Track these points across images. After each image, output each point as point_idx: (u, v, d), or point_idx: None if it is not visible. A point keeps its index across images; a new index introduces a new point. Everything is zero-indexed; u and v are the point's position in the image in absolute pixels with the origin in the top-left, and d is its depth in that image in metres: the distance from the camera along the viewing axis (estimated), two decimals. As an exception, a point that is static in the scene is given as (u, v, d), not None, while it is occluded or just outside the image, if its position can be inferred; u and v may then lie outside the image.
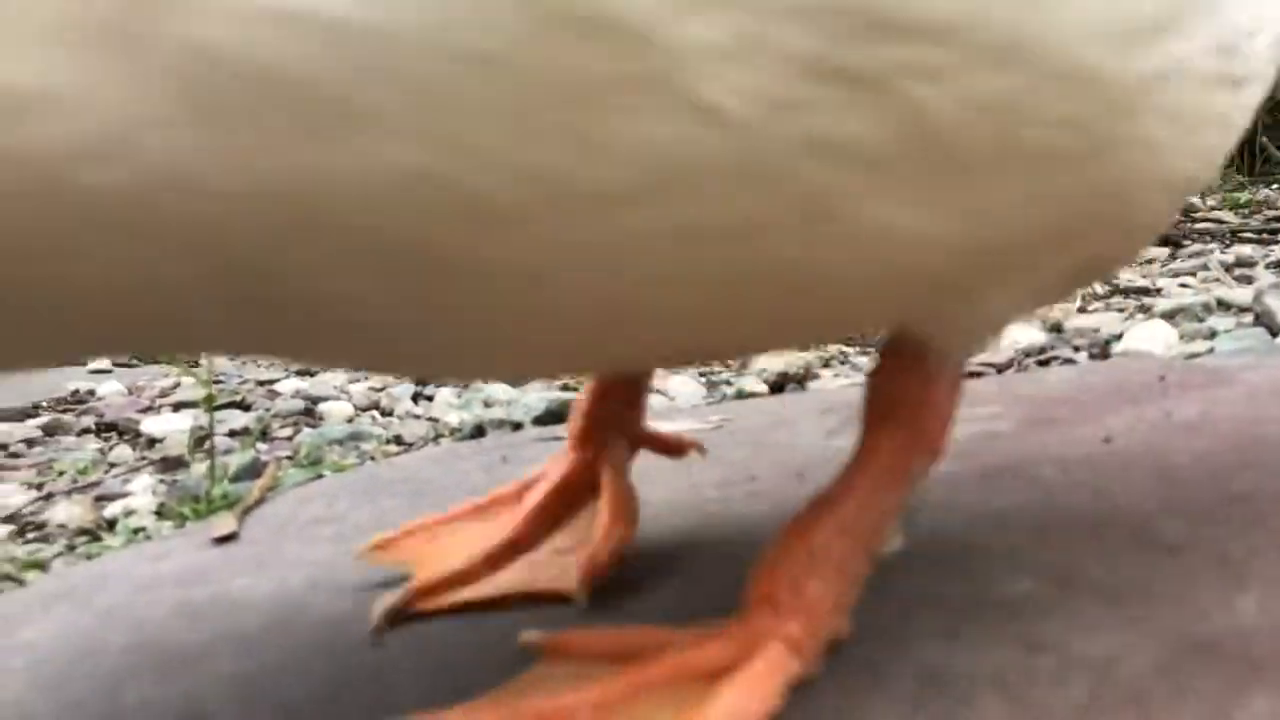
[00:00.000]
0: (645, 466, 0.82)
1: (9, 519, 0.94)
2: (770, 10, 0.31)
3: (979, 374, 1.09)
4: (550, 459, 0.64)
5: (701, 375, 1.19)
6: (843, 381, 1.09)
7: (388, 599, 0.56)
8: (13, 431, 1.19)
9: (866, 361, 1.19)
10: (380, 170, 0.30)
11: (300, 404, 1.20)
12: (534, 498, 0.61)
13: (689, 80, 0.31)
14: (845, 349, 1.26)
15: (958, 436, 0.81)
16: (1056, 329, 1.22)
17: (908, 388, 0.46)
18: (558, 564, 0.57)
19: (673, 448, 0.65)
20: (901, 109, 0.33)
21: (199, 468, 1.01)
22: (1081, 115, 0.37)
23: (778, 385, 1.09)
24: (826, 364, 1.17)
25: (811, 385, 1.09)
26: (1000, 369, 1.09)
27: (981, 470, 0.72)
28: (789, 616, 0.43)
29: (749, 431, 0.89)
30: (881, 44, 0.32)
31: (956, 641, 0.46)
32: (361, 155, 0.30)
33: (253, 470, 0.98)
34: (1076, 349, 1.14)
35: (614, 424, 0.62)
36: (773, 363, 1.10)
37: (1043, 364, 1.10)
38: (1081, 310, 1.32)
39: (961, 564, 0.55)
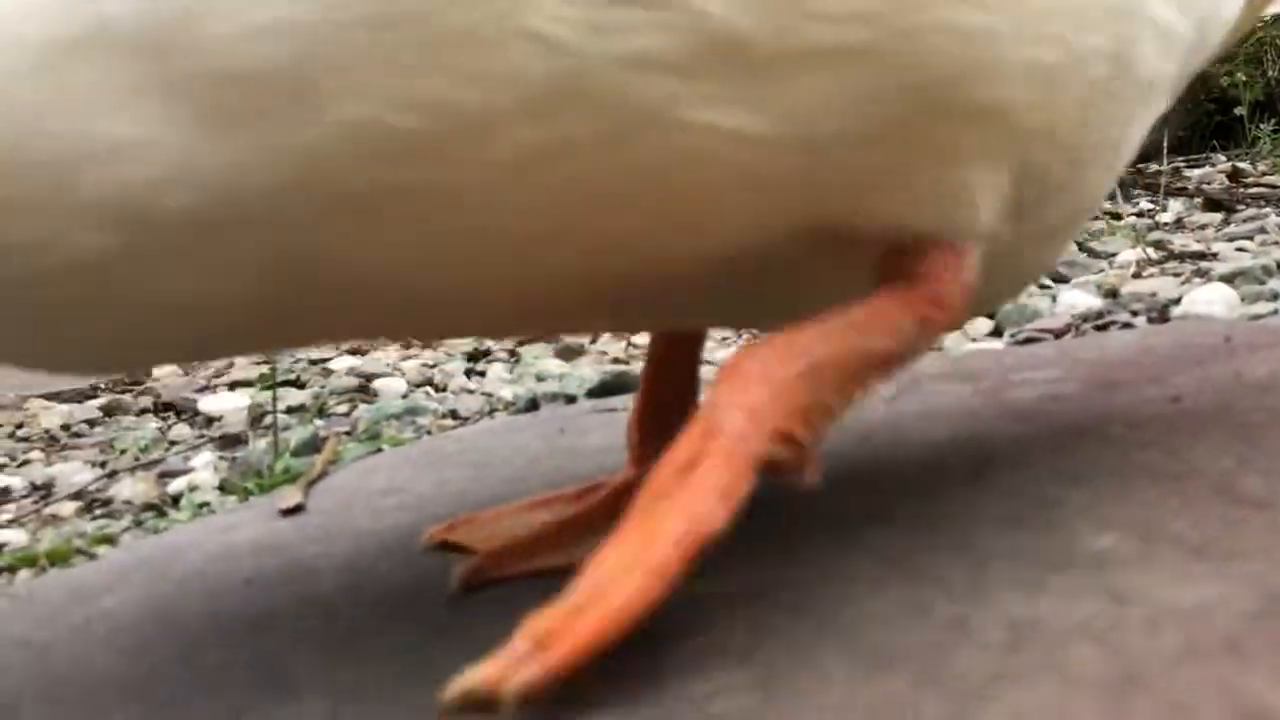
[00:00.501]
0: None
1: (76, 496, 0.95)
2: None
3: (1034, 340, 1.08)
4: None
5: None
6: (898, 349, 1.09)
7: (464, 565, 0.56)
8: (74, 412, 1.21)
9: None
10: (335, 129, 0.38)
11: (354, 381, 1.21)
12: (603, 491, 0.62)
13: (522, 15, 0.38)
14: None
15: (1020, 399, 0.81)
16: (1113, 294, 1.20)
17: (895, 267, 0.48)
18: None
19: None
20: (690, 20, 0.39)
21: (258, 444, 1.02)
22: (868, 9, 0.40)
23: (832, 354, 1.08)
24: (880, 333, 1.16)
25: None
26: (1057, 334, 1.08)
27: (1049, 430, 0.71)
28: (747, 384, 0.45)
29: (807, 399, 0.89)
30: None
31: (1042, 593, 0.46)
32: (325, 121, 0.38)
33: (312, 446, 0.99)
34: (1134, 314, 1.12)
35: (669, 432, 0.63)
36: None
37: (1100, 329, 1.09)
38: (1137, 276, 1.30)
39: (1039, 519, 0.55)
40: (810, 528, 0.57)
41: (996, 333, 1.14)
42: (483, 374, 1.22)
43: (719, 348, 1.17)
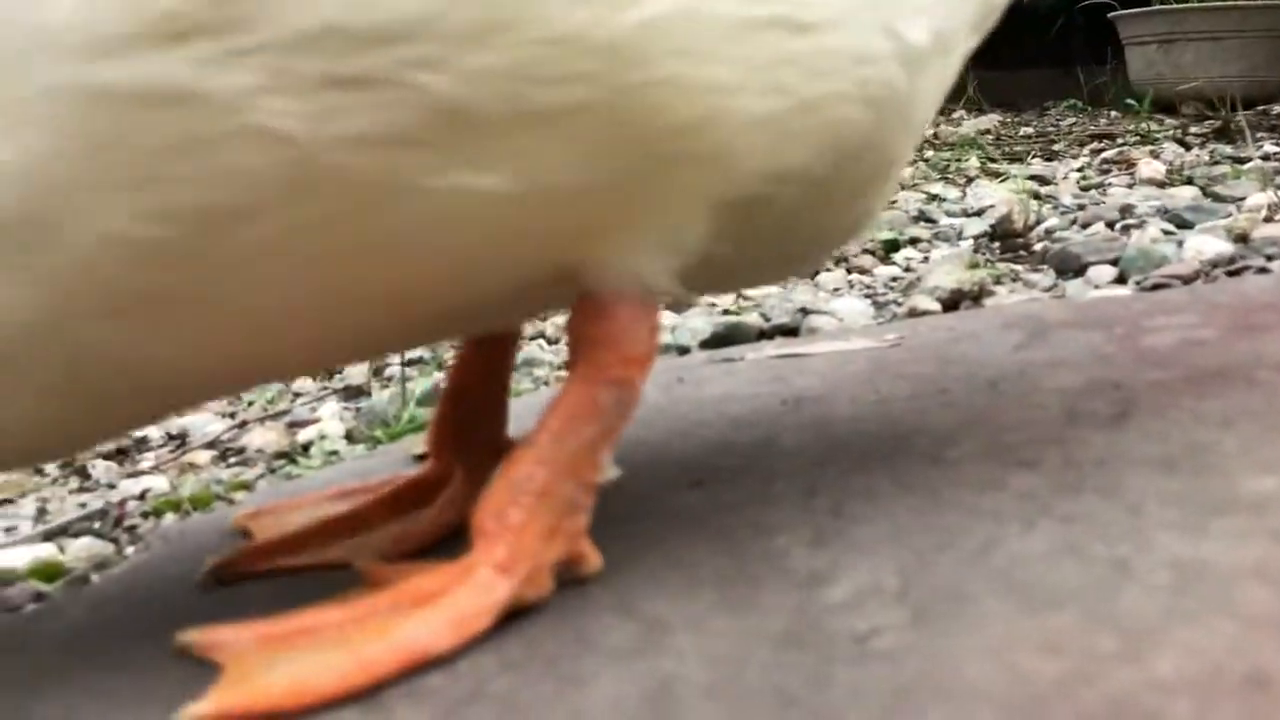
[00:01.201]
0: (830, 380, 0.82)
1: (209, 445, 0.99)
2: (281, 45, 0.39)
3: (1163, 286, 1.05)
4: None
5: (867, 295, 1.18)
6: (1020, 297, 1.06)
7: (216, 558, 0.58)
8: (201, 366, 1.25)
9: (1040, 277, 1.16)
10: (80, 251, 0.41)
11: (468, 334, 1.23)
12: (390, 486, 0.63)
13: (244, 114, 0.39)
14: (1016, 266, 1.23)
15: (1157, 345, 0.79)
16: (1243, 239, 1.16)
17: (586, 328, 0.49)
18: (375, 543, 0.58)
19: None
20: (414, 96, 0.40)
21: (380, 395, 1.04)
22: (586, 71, 0.42)
23: (951, 303, 1.06)
24: (998, 280, 1.14)
25: (987, 302, 1.06)
26: (1186, 280, 1.05)
27: (1190, 376, 0.69)
28: (495, 543, 0.46)
29: (929, 347, 0.88)
30: (370, 50, 0.40)
31: (1204, 537, 0.45)
32: (69, 246, 0.41)
33: (433, 396, 1.01)
34: (1269, 258, 1.08)
35: (472, 433, 0.64)
36: (945, 279, 1.07)
37: (1233, 274, 1.05)
38: (1268, 220, 1.25)
39: (1190, 463, 0.54)
40: (949, 473, 0.57)
41: (1121, 279, 1.11)
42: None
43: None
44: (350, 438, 0.97)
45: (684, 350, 1.07)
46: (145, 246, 0.41)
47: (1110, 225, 1.36)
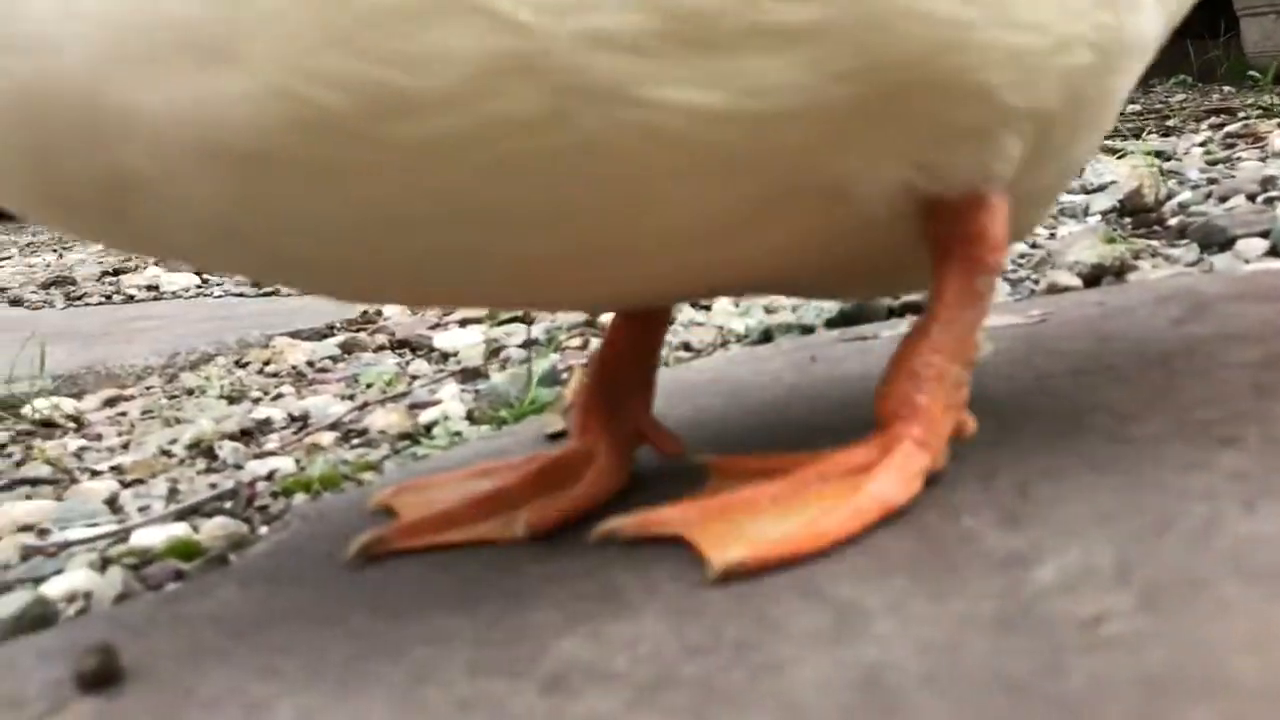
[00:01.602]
0: (991, 360, 0.78)
1: (332, 426, 0.98)
2: None
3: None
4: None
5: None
6: (1165, 272, 1.01)
7: (364, 535, 0.56)
8: (316, 350, 1.25)
9: (1182, 252, 1.10)
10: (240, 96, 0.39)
11: (581, 315, 1.21)
12: (536, 462, 0.62)
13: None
14: (1151, 242, 1.17)
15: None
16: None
17: (955, 226, 0.52)
18: (525, 518, 0.56)
19: (667, 445, 0.64)
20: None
21: (497, 377, 1.03)
22: None
23: (1092, 278, 1.01)
24: (1137, 255, 1.08)
25: (1130, 277, 1.01)
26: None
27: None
28: (909, 423, 0.51)
29: (1081, 323, 0.83)
30: None
31: None
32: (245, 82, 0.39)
33: (552, 378, 0.99)
34: None
35: (618, 411, 0.64)
36: (1085, 254, 1.02)
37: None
38: None
39: None
40: (1144, 452, 0.53)
41: (1273, 252, 1.04)
42: (708, 307, 1.20)
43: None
44: (472, 418, 0.95)
45: (808, 329, 1.04)
46: (307, 110, 0.41)
47: (1251, 198, 1.29)
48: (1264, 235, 1.08)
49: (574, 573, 0.49)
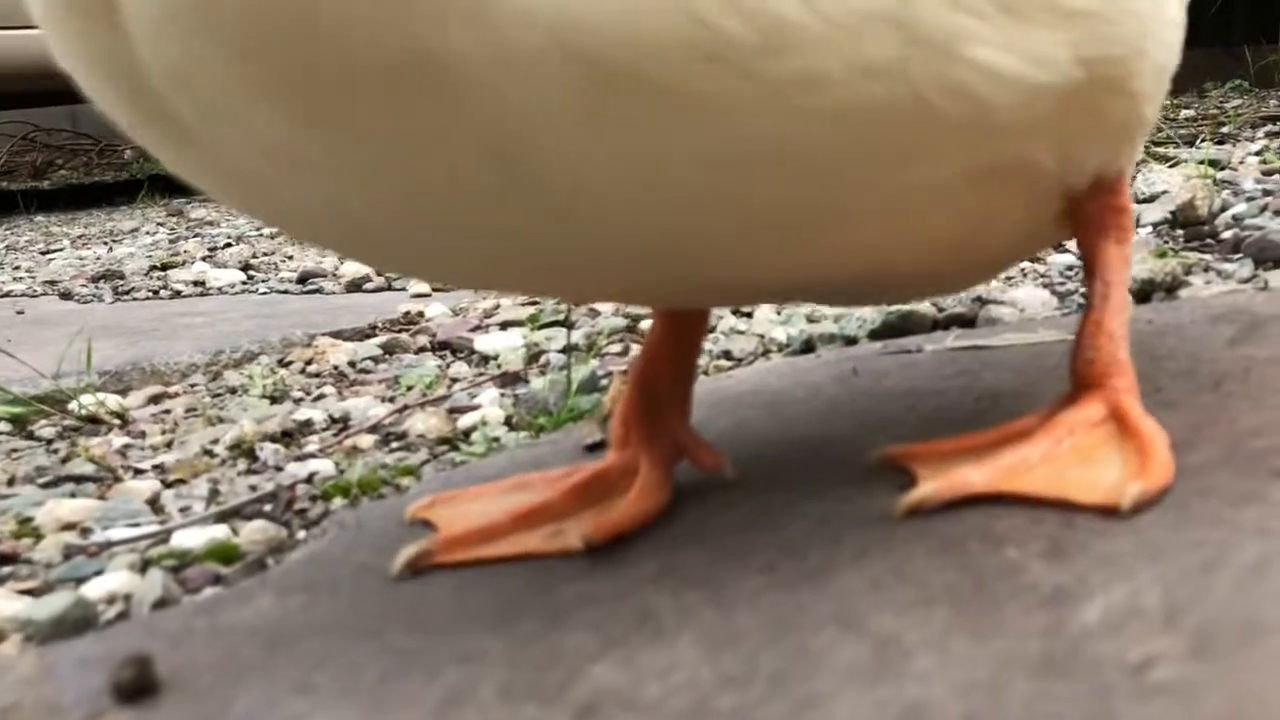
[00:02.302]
0: (1025, 374, 0.77)
1: (372, 429, 0.98)
2: None
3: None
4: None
5: (1044, 284, 1.11)
6: (1218, 288, 0.98)
7: (410, 549, 0.56)
8: (357, 350, 1.26)
9: (1235, 267, 1.07)
10: None
11: (622, 321, 1.20)
12: (577, 476, 0.62)
13: None
14: (1204, 256, 1.14)
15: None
16: None
17: (1109, 201, 0.61)
18: (575, 531, 0.56)
19: (707, 460, 0.64)
20: None
21: (537, 382, 1.03)
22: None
23: (1143, 294, 0.99)
24: (1189, 270, 1.06)
25: (1182, 294, 0.99)
26: None
27: None
28: (1120, 377, 0.58)
29: (1131, 341, 0.81)
30: None
31: None
32: None
33: (592, 384, 0.99)
34: None
35: (660, 422, 0.64)
36: (1137, 269, 1.00)
37: None
38: None
39: None
40: (1193, 482, 0.51)
41: (1324, 270, 1.02)
42: (749, 315, 1.19)
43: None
44: (510, 424, 0.95)
45: (851, 340, 1.03)
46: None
47: (1308, 212, 1.26)
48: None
49: (610, 594, 0.49)
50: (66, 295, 1.87)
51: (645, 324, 1.19)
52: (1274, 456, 0.53)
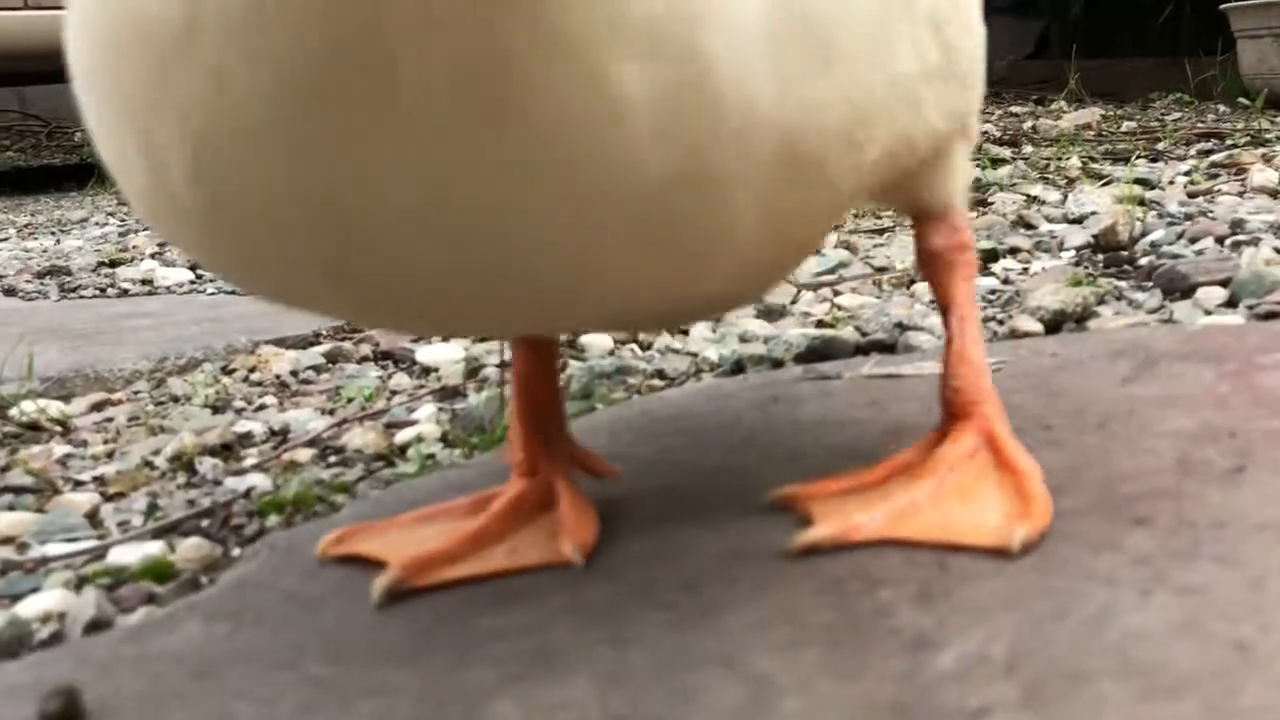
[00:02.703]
0: (931, 407, 0.81)
1: (310, 443, 1.01)
2: None
3: (1278, 314, 1.01)
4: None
5: (965, 312, 1.16)
6: (1125, 320, 1.03)
7: (384, 576, 0.59)
8: (300, 359, 1.28)
9: (1146, 297, 1.12)
10: None
11: (562, 337, 1.24)
12: (500, 502, 0.65)
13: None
14: (1119, 283, 1.19)
15: (1273, 387, 0.76)
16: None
17: (952, 238, 0.67)
18: (537, 548, 0.61)
19: (601, 469, 0.71)
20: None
21: (474, 398, 1.06)
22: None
23: (1053, 324, 1.04)
24: (1102, 300, 1.11)
25: (1091, 324, 1.04)
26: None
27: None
28: (987, 403, 0.64)
29: (1032, 375, 0.86)
30: None
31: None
32: None
33: (526, 402, 1.02)
34: (1393, 287, 1.03)
35: (553, 447, 0.69)
36: (1048, 299, 1.05)
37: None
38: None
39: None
40: (1061, 527, 0.56)
41: (1230, 303, 1.07)
42: (685, 333, 1.23)
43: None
44: (446, 441, 0.98)
45: (778, 364, 1.07)
46: None
47: (1220, 241, 1.31)
48: (1224, 284, 1.10)
49: (517, 629, 0.53)
50: (11, 292, 1.86)
51: (584, 339, 1.23)
52: (1138, 504, 0.58)
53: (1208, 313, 1.05)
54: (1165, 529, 0.54)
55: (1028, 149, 2.47)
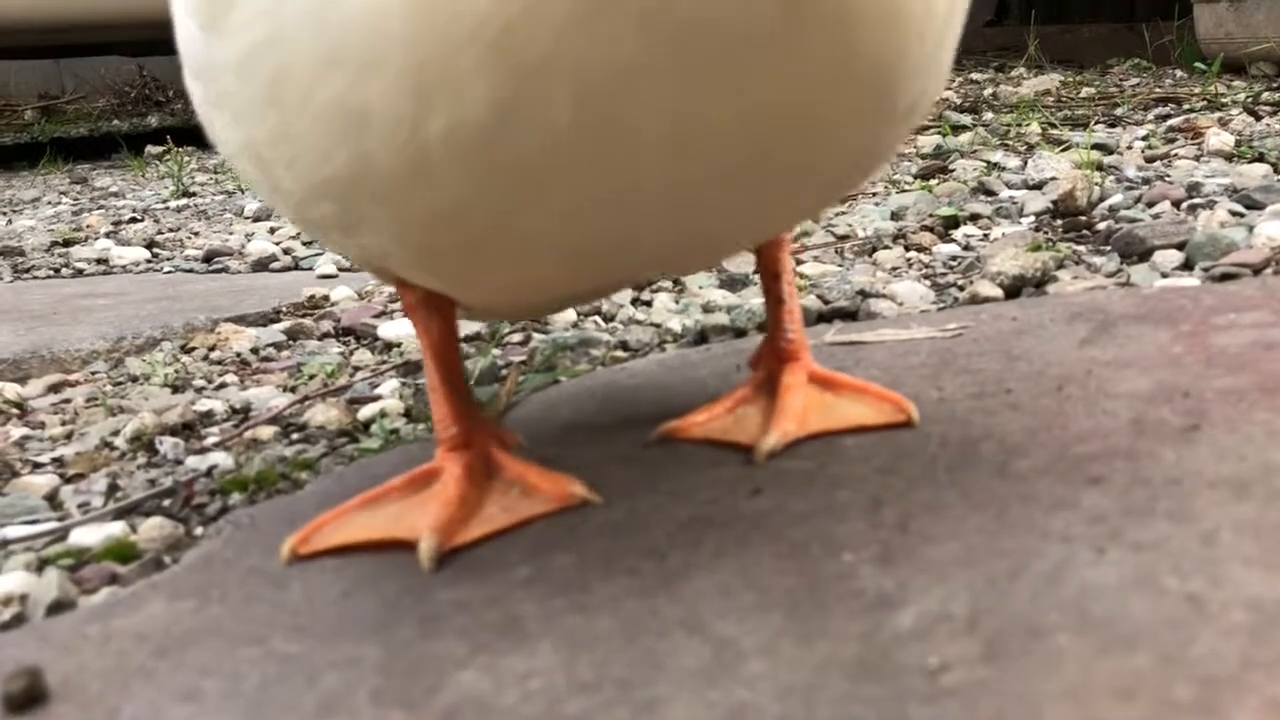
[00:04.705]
0: (892, 373, 0.81)
1: (272, 420, 1.00)
2: None
3: (1232, 275, 1.03)
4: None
5: (927, 278, 1.16)
6: (1083, 284, 1.04)
7: (427, 542, 0.59)
8: (260, 336, 1.27)
9: (1104, 261, 1.14)
10: None
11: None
12: (454, 470, 0.66)
13: None
14: (1078, 247, 1.21)
15: (1227, 346, 0.77)
16: (1315, 225, 1.13)
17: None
18: (530, 500, 0.64)
19: (509, 440, 0.73)
20: None
21: (438, 372, 1.05)
22: None
23: (1013, 289, 1.05)
24: (1061, 265, 1.12)
25: (1050, 288, 1.05)
26: (1256, 269, 1.02)
27: (1263, 384, 0.68)
28: (807, 349, 0.76)
29: (993, 339, 0.87)
30: None
31: (1281, 572, 0.45)
32: None
33: (492, 375, 1.02)
34: (1343, 247, 1.05)
35: (477, 418, 0.71)
36: (1008, 264, 1.06)
37: (1305, 264, 1.03)
38: (1341, 204, 1.21)
39: (1266, 487, 0.53)
40: (1019, 488, 0.57)
41: (1187, 265, 1.09)
42: (649, 304, 1.23)
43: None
44: (410, 416, 0.98)
45: (741, 333, 1.07)
46: None
47: (1176, 205, 1.33)
48: (1180, 247, 1.12)
49: (481, 600, 0.53)
50: (-36, 273, 1.83)
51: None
52: (1094, 463, 0.59)
53: (1164, 275, 1.06)
54: (1120, 487, 0.55)
55: (988, 115, 2.49)
